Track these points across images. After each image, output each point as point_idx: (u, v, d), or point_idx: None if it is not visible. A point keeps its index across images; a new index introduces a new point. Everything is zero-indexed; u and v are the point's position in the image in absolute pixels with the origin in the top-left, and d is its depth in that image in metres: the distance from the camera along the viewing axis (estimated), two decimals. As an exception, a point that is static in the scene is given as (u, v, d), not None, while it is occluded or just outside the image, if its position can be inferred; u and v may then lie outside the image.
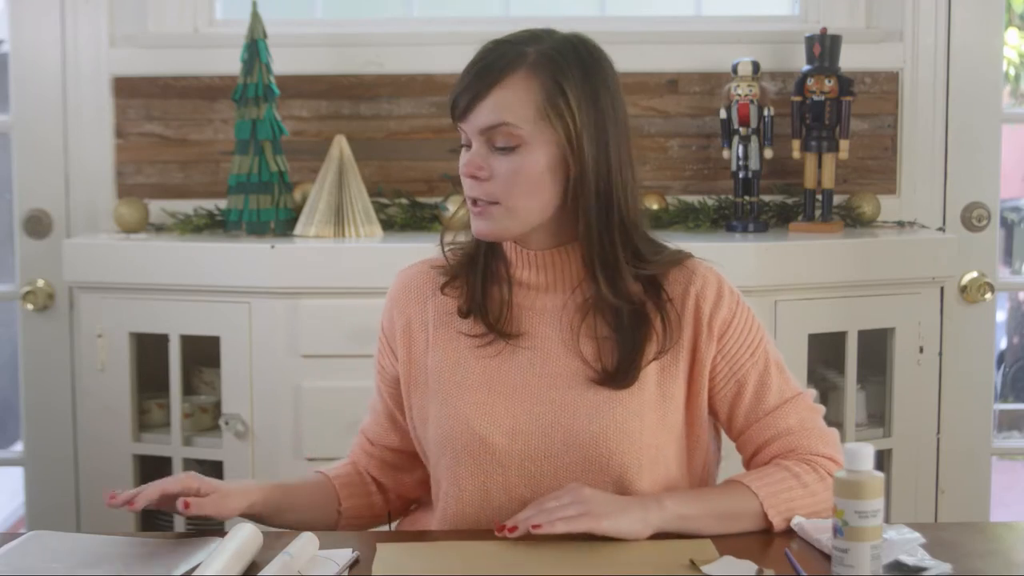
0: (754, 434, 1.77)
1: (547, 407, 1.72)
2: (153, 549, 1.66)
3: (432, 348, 1.79)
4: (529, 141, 1.67)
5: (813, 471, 1.72)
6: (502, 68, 1.68)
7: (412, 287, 1.84)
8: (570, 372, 1.73)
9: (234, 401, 2.73)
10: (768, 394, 1.76)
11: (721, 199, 3.02)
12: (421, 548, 1.66)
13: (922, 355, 2.85)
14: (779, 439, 1.75)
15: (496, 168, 1.68)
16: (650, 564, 1.56)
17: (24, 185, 3.08)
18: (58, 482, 3.07)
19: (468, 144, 1.72)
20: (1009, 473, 4.84)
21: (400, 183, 3.05)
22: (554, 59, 1.69)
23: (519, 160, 1.68)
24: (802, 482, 1.70)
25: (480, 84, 1.68)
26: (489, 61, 1.69)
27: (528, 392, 1.73)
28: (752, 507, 1.68)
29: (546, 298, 1.77)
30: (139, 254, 2.80)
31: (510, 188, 1.68)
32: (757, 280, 2.68)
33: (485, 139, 1.68)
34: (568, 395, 1.72)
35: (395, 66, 3.06)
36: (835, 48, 2.90)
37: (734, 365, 1.75)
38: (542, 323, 1.77)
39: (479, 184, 1.69)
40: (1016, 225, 5.00)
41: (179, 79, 3.07)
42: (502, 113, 1.67)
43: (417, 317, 1.82)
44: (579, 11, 3.30)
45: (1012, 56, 5.08)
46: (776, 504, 1.68)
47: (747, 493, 1.69)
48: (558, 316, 1.76)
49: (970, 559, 1.58)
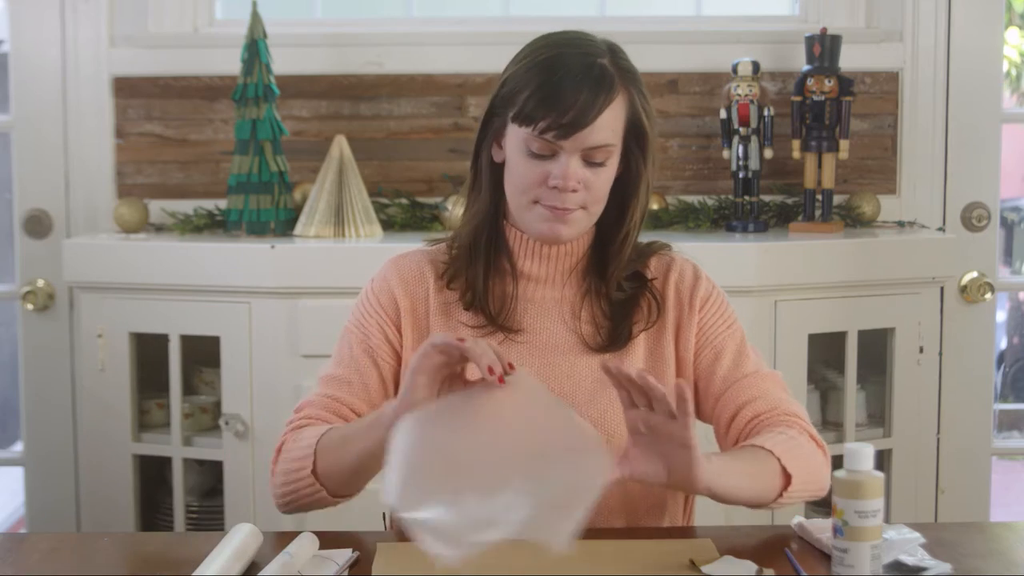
0: (733, 394, 1.79)
1: (548, 383, 1.75)
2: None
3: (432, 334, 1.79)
4: (615, 153, 1.75)
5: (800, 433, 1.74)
6: (611, 87, 1.70)
7: (411, 274, 1.84)
8: (568, 348, 1.78)
9: (234, 401, 2.73)
10: (746, 362, 1.82)
11: (721, 199, 3.02)
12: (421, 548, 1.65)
13: (922, 355, 2.85)
14: (758, 399, 1.78)
15: (588, 180, 1.72)
16: (650, 564, 1.56)
17: (24, 185, 3.08)
18: (58, 482, 3.07)
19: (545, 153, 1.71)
20: (1009, 473, 4.85)
21: (400, 183, 3.05)
22: (634, 75, 1.75)
23: (608, 172, 1.75)
24: (798, 442, 1.72)
25: (593, 104, 1.69)
26: (595, 78, 1.69)
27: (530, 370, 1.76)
28: (772, 464, 1.67)
29: (545, 289, 1.82)
30: (139, 254, 2.80)
31: (598, 197, 1.75)
32: (757, 280, 2.68)
33: (584, 154, 1.71)
34: (567, 383, 1.77)
35: (395, 66, 3.06)
36: (835, 48, 2.90)
37: (712, 334, 1.82)
38: (540, 315, 1.81)
39: (571, 195, 1.72)
40: (1016, 225, 5.00)
41: (179, 79, 3.07)
42: (609, 135, 1.72)
43: (419, 303, 1.83)
44: (579, 11, 3.30)
45: (1012, 56, 5.09)
46: (791, 459, 1.68)
47: (763, 452, 1.68)
48: (557, 307, 1.81)
49: (970, 559, 1.58)
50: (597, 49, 1.74)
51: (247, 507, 2.73)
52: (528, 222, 1.77)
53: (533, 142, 1.71)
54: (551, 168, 1.71)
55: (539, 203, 1.74)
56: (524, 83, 1.72)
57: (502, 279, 1.82)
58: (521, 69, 1.74)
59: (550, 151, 1.71)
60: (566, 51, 1.72)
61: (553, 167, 1.71)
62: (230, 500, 2.75)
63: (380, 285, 1.86)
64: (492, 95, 1.78)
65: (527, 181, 1.73)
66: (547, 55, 1.73)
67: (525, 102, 1.70)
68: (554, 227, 1.74)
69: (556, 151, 1.71)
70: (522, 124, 1.71)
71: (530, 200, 1.75)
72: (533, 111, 1.70)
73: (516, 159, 1.74)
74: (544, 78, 1.70)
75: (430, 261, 1.86)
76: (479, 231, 1.81)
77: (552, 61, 1.71)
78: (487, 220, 1.81)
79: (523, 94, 1.71)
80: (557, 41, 1.75)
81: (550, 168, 1.71)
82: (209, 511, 2.88)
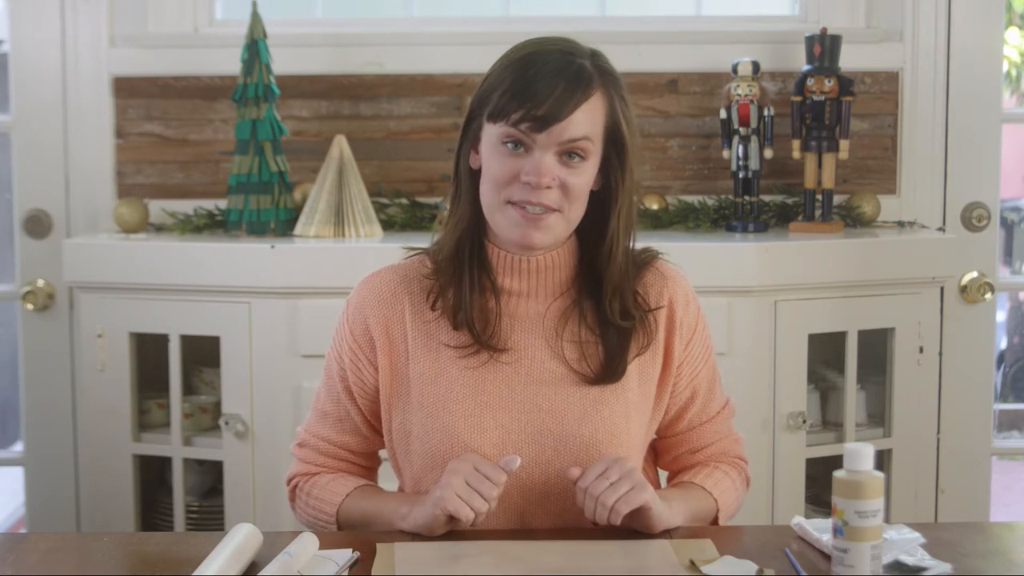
0: (694, 437, 1.88)
1: (535, 414, 1.73)
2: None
3: (412, 359, 1.77)
4: (593, 155, 1.71)
5: (739, 475, 1.91)
6: (589, 83, 1.69)
7: (384, 295, 1.80)
8: (555, 378, 1.75)
9: (234, 401, 2.73)
10: (712, 401, 1.89)
11: (721, 199, 3.02)
12: (421, 548, 1.66)
13: (922, 355, 2.85)
14: (715, 443, 1.89)
15: (564, 178, 1.69)
16: (650, 564, 1.56)
17: (24, 185, 3.08)
18: (58, 482, 3.07)
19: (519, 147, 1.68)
20: (1009, 473, 4.85)
21: (400, 183, 3.05)
22: (615, 77, 1.74)
23: (584, 172, 1.71)
24: (735, 486, 1.88)
25: (571, 97, 1.67)
26: (574, 73, 1.68)
27: (515, 400, 1.74)
28: (711, 508, 1.83)
29: (528, 304, 1.78)
30: (139, 254, 2.80)
31: (573, 199, 1.71)
32: (757, 280, 2.68)
33: (560, 150, 1.68)
34: (555, 401, 1.74)
35: (395, 66, 3.06)
36: (835, 48, 2.90)
37: (693, 372, 1.84)
38: (524, 330, 1.77)
39: (545, 192, 1.68)
40: (1016, 225, 5.00)
41: (179, 79, 3.07)
42: (587, 128, 1.69)
43: (396, 326, 1.79)
44: (579, 11, 3.30)
45: (1012, 56, 5.09)
46: (725, 506, 1.85)
47: (706, 496, 1.83)
48: (540, 322, 1.77)
49: (970, 559, 1.58)
50: (579, 50, 1.72)
51: (247, 507, 2.73)
52: (502, 227, 1.71)
53: (507, 136, 1.68)
54: (524, 164, 1.68)
55: (512, 204, 1.69)
56: (499, 80, 1.70)
57: (482, 295, 1.76)
58: (498, 67, 1.72)
59: (525, 147, 1.68)
60: (545, 48, 1.71)
61: (526, 163, 1.67)
62: (230, 500, 2.75)
63: (354, 315, 1.83)
64: (471, 99, 1.76)
65: (500, 178, 1.69)
66: (524, 53, 1.71)
67: (500, 96, 1.68)
68: (527, 232, 1.69)
69: (530, 147, 1.67)
70: (497, 119, 1.68)
71: (503, 200, 1.70)
72: (508, 103, 1.67)
73: (490, 158, 1.71)
74: (519, 73, 1.68)
75: (403, 279, 1.81)
76: (461, 243, 1.76)
77: (530, 58, 1.70)
78: (468, 231, 1.76)
79: (498, 91, 1.69)
80: (538, 41, 1.74)
81: (523, 164, 1.68)
82: (209, 511, 2.88)
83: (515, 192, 1.69)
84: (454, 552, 1.61)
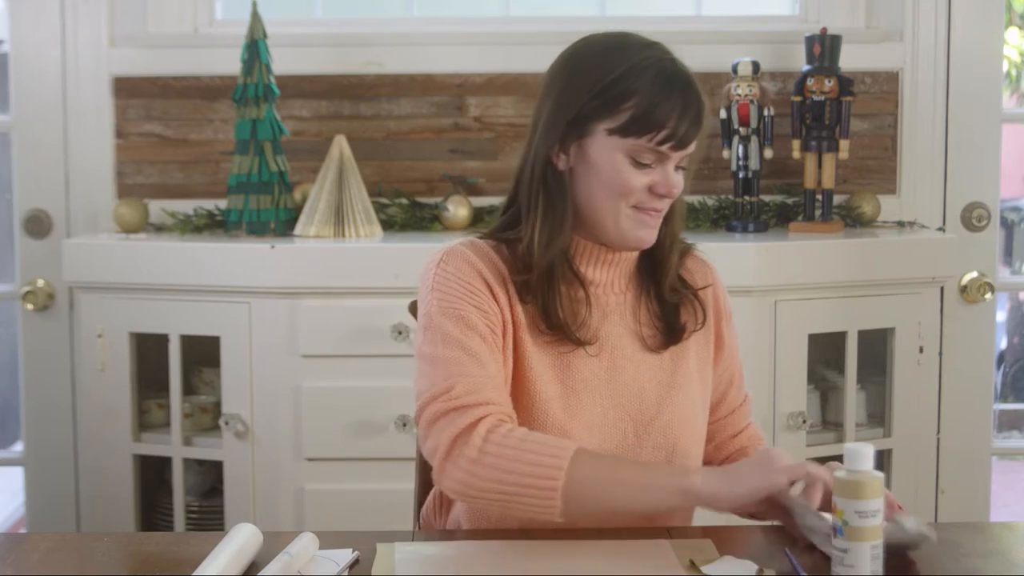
0: (733, 421, 1.93)
1: (618, 399, 1.77)
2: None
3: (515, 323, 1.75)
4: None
5: None
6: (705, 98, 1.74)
7: (486, 267, 1.74)
8: (635, 365, 1.79)
9: (234, 401, 2.73)
10: (743, 386, 1.96)
11: (721, 199, 3.02)
12: (421, 548, 1.66)
13: (922, 355, 2.85)
14: (747, 427, 1.95)
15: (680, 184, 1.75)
16: (650, 564, 1.56)
17: (24, 185, 3.09)
18: (58, 482, 3.07)
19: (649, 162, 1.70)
20: (1009, 473, 4.84)
21: (400, 183, 3.05)
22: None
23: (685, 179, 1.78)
24: None
25: (701, 117, 1.71)
26: (698, 94, 1.71)
27: (601, 386, 1.77)
28: None
29: (608, 294, 1.81)
30: (139, 254, 2.80)
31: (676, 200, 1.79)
32: (757, 280, 2.68)
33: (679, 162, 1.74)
34: (634, 388, 1.78)
35: (395, 66, 3.06)
36: (835, 48, 2.90)
37: (731, 356, 1.91)
38: (609, 321, 1.79)
39: (667, 200, 1.75)
40: (1016, 225, 5.00)
41: (179, 79, 3.07)
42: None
43: (499, 288, 1.74)
44: (579, 11, 3.30)
45: (1012, 56, 5.08)
46: None
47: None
48: (620, 311, 1.81)
49: (970, 559, 1.58)
50: (680, 60, 1.74)
51: (247, 507, 2.73)
52: (623, 228, 1.73)
53: (645, 152, 1.69)
54: (655, 176, 1.71)
55: (638, 208, 1.72)
56: (627, 93, 1.68)
57: (570, 286, 1.76)
58: (630, 77, 1.69)
59: (656, 160, 1.70)
60: (667, 57, 1.72)
61: (656, 175, 1.71)
62: (230, 500, 2.75)
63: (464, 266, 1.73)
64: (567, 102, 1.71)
65: (630, 189, 1.70)
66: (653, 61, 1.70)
67: (645, 112, 1.67)
68: (645, 231, 1.74)
69: (663, 160, 1.71)
70: (629, 135, 1.68)
71: (628, 205, 1.72)
72: (657, 121, 1.67)
73: (610, 168, 1.70)
74: (664, 87, 1.68)
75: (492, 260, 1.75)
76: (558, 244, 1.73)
77: (666, 71, 1.70)
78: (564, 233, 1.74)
79: (632, 107, 1.67)
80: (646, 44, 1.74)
81: (654, 175, 1.71)
82: (209, 511, 2.88)
83: (645, 200, 1.72)
84: (454, 552, 1.62)
